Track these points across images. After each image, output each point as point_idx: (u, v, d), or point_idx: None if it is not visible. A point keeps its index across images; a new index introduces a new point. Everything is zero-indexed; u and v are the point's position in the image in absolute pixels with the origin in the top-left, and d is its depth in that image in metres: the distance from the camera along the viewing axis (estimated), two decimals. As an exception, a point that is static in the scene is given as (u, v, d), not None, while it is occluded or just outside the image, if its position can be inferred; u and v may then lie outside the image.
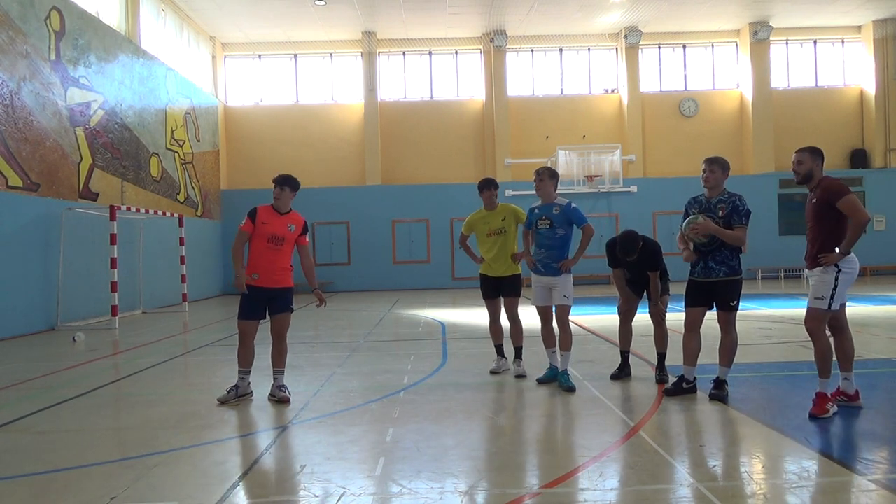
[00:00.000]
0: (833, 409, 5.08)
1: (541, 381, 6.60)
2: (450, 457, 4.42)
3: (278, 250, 6.06)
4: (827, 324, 5.24)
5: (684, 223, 5.80)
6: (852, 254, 5.13)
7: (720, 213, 5.63)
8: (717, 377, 5.79)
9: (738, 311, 5.86)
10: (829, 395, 5.12)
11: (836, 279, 5.08)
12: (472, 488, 3.84)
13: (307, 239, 6.32)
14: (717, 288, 5.72)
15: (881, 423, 4.95)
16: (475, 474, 4.09)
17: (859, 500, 3.56)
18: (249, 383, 6.24)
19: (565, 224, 6.49)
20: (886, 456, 4.31)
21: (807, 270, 5.34)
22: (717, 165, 5.75)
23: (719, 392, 5.70)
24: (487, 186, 7.13)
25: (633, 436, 4.78)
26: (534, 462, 4.43)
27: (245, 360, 6.16)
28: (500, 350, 7.35)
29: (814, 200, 5.21)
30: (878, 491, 3.66)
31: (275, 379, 6.21)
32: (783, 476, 3.98)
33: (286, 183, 6.15)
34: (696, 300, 5.84)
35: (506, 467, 4.23)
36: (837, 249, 5.09)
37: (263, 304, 6.13)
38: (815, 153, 5.30)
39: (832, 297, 5.08)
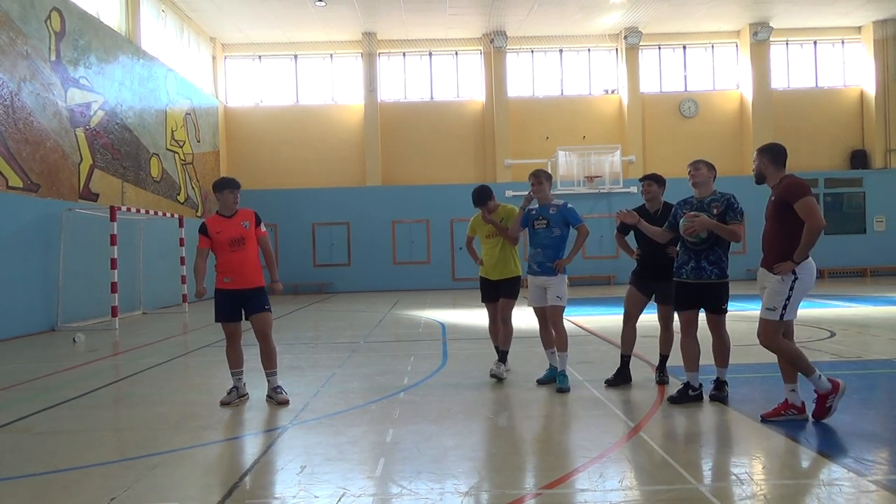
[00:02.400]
0: (832, 400, 4.91)
1: (541, 382, 6.61)
2: (450, 458, 4.42)
3: (243, 250, 6.03)
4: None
5: (681, 221, 5.67)
6: (809, 258, 4.84)
7: (714, 211, 5.55)
8: (717, 378, 5.76)
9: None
10: (826, 394, 4.92)
11: (792, 288, 4.81)
12: (472, 489, 3.84)
13: (263, 229, 6.23)
14: (708, 291, 5.62)
15: (881, 423, 4.95)
16: (475, 475, 4.09)
17: (859, 501, 3.55)
18: (245, 384, 6.26)
19: (562, 224, 6.49)
20: (886, 456, 4.31)
21: (762, 273, 5.03)
22: (700, 163, 5.73)
23: (719, 393, 5.68)
24: (482, 202, 7.06)
25: (634, 436, 4.78)
26: (534, 463, 4.43)
27: (233, 362, 6.18)
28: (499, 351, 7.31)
29: (772, 198, 4.96)
30: (878, 491, 3.66)
31: (269, 381, 6.18)
32: (783, 477, 3.98)
33: (226, 186, 6.11)
34: (689, 303, 5.72)
35: (506, 468, 4.23)
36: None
37: (237, 305, 6.08)
38: (764, 151, 5.06)
39: (784, 307, 4.82)
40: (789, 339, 5.08)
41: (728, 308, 5.70)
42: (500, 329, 7.10)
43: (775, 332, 4.89)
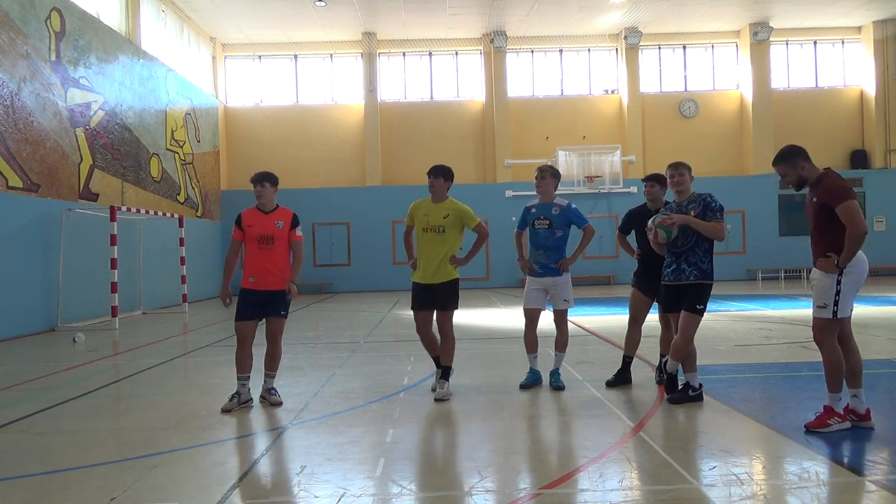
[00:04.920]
0: (837, 424, 4.70)
1: (524, 386, 6.48)
2: (450, 458, 4.42)
3: (271, 250, 5.92)
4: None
5: (650, 220, 5.79)
6: (859, 252, 4.64)
7: (692, 213, 5.61)
8: (685, 382, 5.67)
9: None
10: (836, 411, 4.73)
11: (839, 283, 4.63)
12: (472, 489, 3.84)
13: (300, 234, 6.08)
14: (685, 291, 5.63)
15: (881, 424, 4.94)
16: (475, 475, 4.09)
17: (859, 501, 3.55)
18: (249, 389, 6.03)
19: (564, 225, 6.43)
20: (886, 456, 4.31)
21: (815, 273, 4.86)
22: (683, 168, 5.75)
23: (682, 394, 5.64)
24: (435, 173, 6.21)
25: (634, 436, 4.78)
26: (534, 463, 4.43)
27: (243, 365, 5.96)
28: (438, 362, 6.40)
29: (814, 199, 4.79)
30: (878, 491, 3.66)
31: (265, 382, 6.10)
32: (783, 477, 3.98)
33: (265, 179, 5.99)
34: (674, 304, 5.77)
35: (506, 468, 4.23)
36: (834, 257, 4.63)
37: (257, 306, 5.97)
38: (790, 158, 4.83)
39: (836, 303, 4.64)
40: (847, 335, 4.86)
41: (704, 309, 5.65)
42: (441, 343, 6.30)
43: (830, 330, 4.71)
